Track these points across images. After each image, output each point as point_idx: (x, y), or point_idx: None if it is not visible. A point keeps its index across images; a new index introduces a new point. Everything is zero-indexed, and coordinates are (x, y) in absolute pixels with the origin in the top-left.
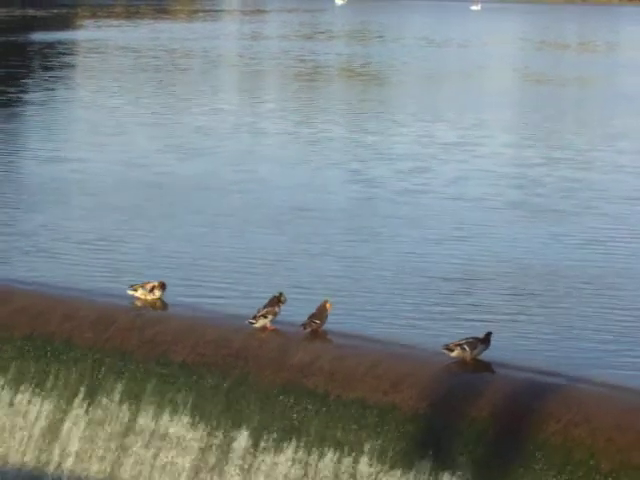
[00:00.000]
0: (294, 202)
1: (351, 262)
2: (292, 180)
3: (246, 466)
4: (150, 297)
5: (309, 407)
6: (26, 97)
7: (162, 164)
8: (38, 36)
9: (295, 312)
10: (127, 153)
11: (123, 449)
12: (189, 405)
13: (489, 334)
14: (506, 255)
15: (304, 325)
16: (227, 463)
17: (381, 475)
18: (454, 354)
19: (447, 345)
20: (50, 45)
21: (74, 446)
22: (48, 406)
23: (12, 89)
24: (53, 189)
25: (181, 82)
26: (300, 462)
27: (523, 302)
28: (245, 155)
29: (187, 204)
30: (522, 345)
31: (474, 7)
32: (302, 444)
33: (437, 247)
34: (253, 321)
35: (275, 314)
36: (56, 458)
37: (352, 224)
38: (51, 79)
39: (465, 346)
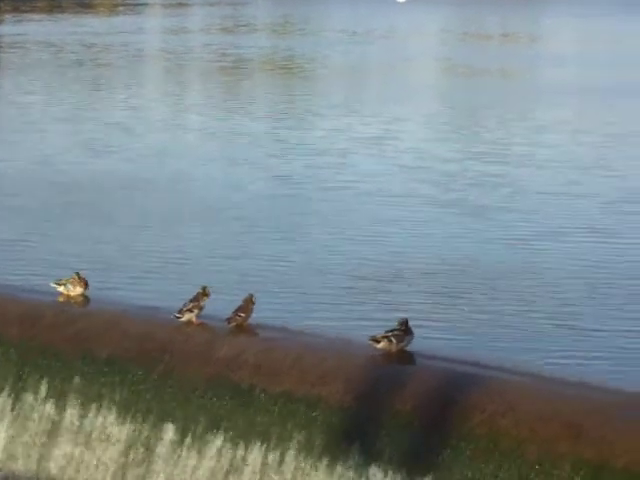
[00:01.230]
0: (212, 200)
1: (273, 259)
2: (210, 177)
3: (173, 461)
4: (73, 293)
5: (235, 401)
6: None
7: (75, 162)
8: None
9: (220, 308)
10: (40, 151)
11: (49, 446)
12: (115, 400)
13: (406, 323)
14: (426, 251)
15: (229, 319)
16: (154, 458)
17: (308, 468)
18: (380, 346)
19: (373, 337)
20: None
21: (0, 443)
22: None
23: None
24: None
25: (100, 77)
26: (227, 456)
27: (444, 295)
28: (163, 151)
29: (104, 202)
30: (445, 337)
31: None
32: (228, 438)
33: (356, 244)
34: (179, 315)
35: (201, 308)
36: None
37: (272, 221)
38: None
39: (392, 338)
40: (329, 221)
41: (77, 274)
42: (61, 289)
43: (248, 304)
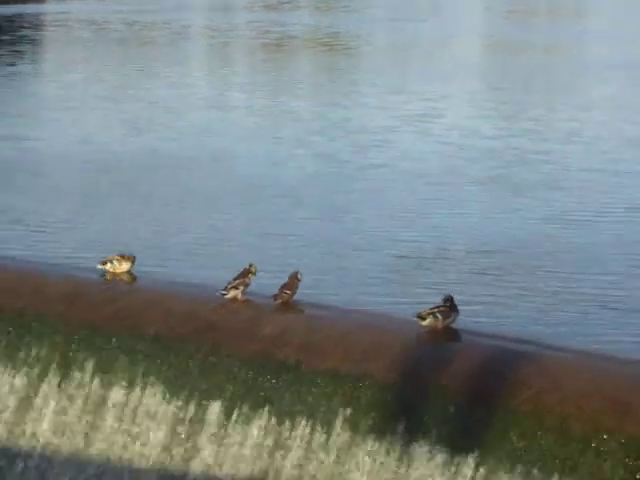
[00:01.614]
0: (254, 178)
1: (315, 237)
2: (252, 155)
3: (219, 438)
4: (119, 270)
5: (281, 378)
6: None
7: (117, 140)
8: None
9: (264, 285)
10: (80, 130)
11: (95, 423)
12: (161, 378)
13: (452, 299)
14: (468, 230)
15: (275, 296)
16: (200, 435)
17: (354, 445)
18: (426, 322)
19: (419, 313)
20: (10, 18)
21: (47, 421)
22: (20, 381)
23: None
24: (5, 168)
25: (143, 55)
26: (272, 433)
27: (492, 273)
28: (205, 129)
29: (147, 181)
30: (492, 314)
31: None
32: (274, 415)
33: (398, 223)
34: (224, 292)
35: (246, 285)
36: (29, 433)
37: (315, 200)
38: (10, 53)
39: (438, 314)
40: (371, 200)
41: (120, 254)
42: (107, 267)
43: (293, 281)
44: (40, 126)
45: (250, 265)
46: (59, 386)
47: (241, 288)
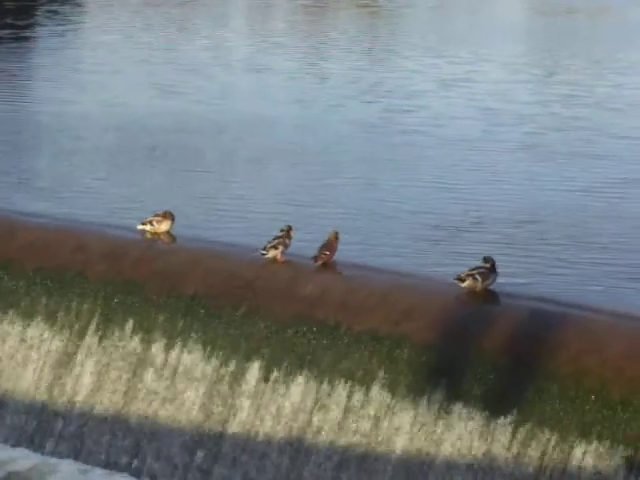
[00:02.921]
0: (290, 143)
1: (353, 203)
2: (288, 119)
3: (257, 398)
4: (159, 230)
5: (320, 339)
6: (21, 34)
7: (149, 104)
8: None
9: (304, 246)
10: (115, 93)
11: (135, 382)
12: (200, 338)
13: (492, 261)
14: (504, 197)
15: (315, 257)
16: (238, 395)
17: (393, 406)
18: (465, 284)
19: (458, 275)
20: None
21: (86, 379)
22: (60, 339)
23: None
24: (45, 131)
25: (183, 16)
26: (311, 394)
27: (531, 237)
28: (240, 93)
29: (184, 145)
30: (532, 276)
31: None
32: (313, 376)
33: (434, 191)
34: (264, 252)
35: (286, 245)
36: (68, 391)
37: (349, 166)
38: (47, 14)
39: (477, 276)
40: (405, 166)
41: (169, 213)
42: (147, 227)
43: (333, 241)
44: (74, 89)
45: (289, 227)
46: (99, 345)
47: (280, 248)
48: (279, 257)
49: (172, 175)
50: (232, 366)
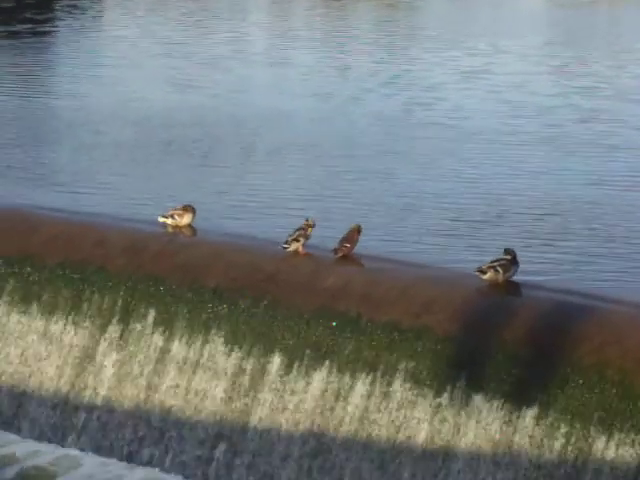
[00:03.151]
0: (309, 136)
1: (373, 195)
2: (308, 113)
3: (279, 390)
4: (181, 223)
5: (341, 331)
6: (40, 28)
7: (171, 98)
8: None
9: (323, 239)
10: (134, 87)
11: (156, 375)
12: (222, 330)
13: (513, 253)
14: (525, 190)
15: (335, 250)
16: (260, 388)
17: (414, 397)
18: (487, 276)
19: (480, 267)
20: None
21: (108, 372)
22: (82, 333)
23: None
24: (65, 125)
25: (203, 9)
26: (333, 386)
27: (552, 230)
28: (258, 87)
29: (203, 139)
30: (553, 269)
31: None
32: (335, 367)
33: (455, 182)
34: (286, 245)
35: (307, 237)
36: (90, 384)
37: (368, 160)
38: (67, 8)
39: (498, 268)
40: (426, 159)
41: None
42: (168, 221)
43: (354, 234)
44: (92, 83)
45: (307, 219)
46: (120, 338)
47: (302, 240)
48: (300, 249)
49: (191, 169)
50: (254, 359)
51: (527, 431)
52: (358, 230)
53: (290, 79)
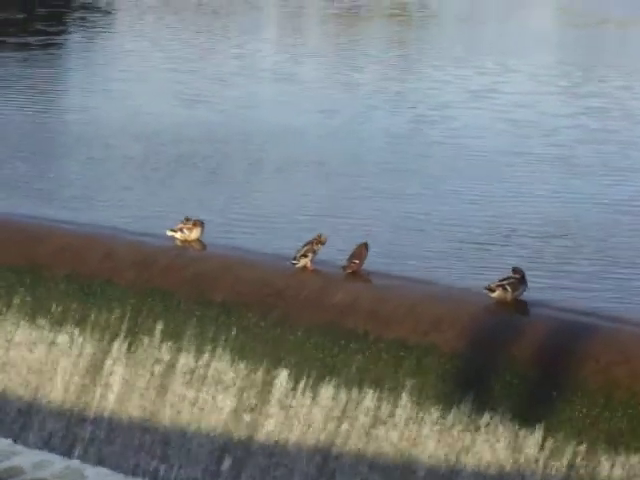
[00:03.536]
0: (317, 153)
1: (380, 213)
2: (314, 130)
3: (286, 405)
4: (190, 238)
5: (349, 347)
6: (51, 40)
7: (179, 113)
8: None
9: (334, 256)
10: (141, 101)
11: (164, 389)
12: (229, 345)
13: (521, 272)
14: (532, 211)
15: (344, 267)
16: (267, 402)
17: (421, 415)
18: (495, 294)
19: (488, 286)
20: None
21: (115, 385)
22: (89, 346)
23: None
24: (73, 138)
25: (211, 24)
26: (339, 402)
27: (560, 251)
28: (266, 102)
29: (212, 155)
30: (561, 286)
31: None
32: (342, 384)
33: (460, 203)
34: (295, 261)
35: (314, 252)
36: (98, 397)
37: (374, 177)
38: (77, 20)
39: (507, 286)
40: (433, 178)
41: (186, 218)
42: (177, 235)
43: (362, 250)
44: (102, 97)
45: (319, 235)
46: (128, 351)
47: (310, 256)
48: (309, 265)
49: (199, 184)
50: (261, 374)
51: (533, 450)
52: (366, 246)
53: (298, 95)
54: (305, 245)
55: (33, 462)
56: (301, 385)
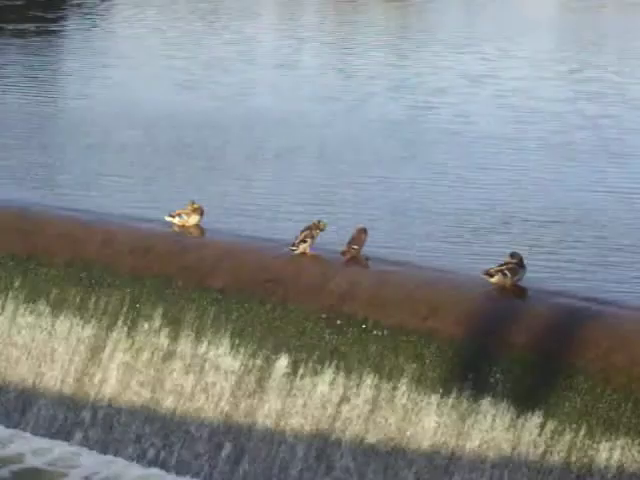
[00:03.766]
0: (316, 139)
1: (382, 198)
2: (313, 117)
3: (285, 391)
4: (188, 223)
5: (348, 332)
6: (49, 27)
7: (179, 99)
8: None
9: (334, 240)
10: (139, 88)
11: (163, 374)
12: (228, 330)
13: (519, 256)
14: (532, 198)
15: (343, 252)
16: (266, 388)
17: (420, 400)
18: (494, 280)
19: (487, 270)
20: None
21: (114, 371)
22: (88, 332)
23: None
24: (72, 126)
25: (211, 11)
26: (339, 387)
27: (558, 237)
28: (265, 89)
29: (211, 140)
30: (560, 271)
31: None
32: (341, 369)
33: (461, 188)
34: (294, 248)
35: (313, 237)
36: (97, 383)
37: (373, 165)
38: (77, 7)
39: (506, 272)
40: (432, 164)
41: (192, 202)
42: (175, 220)
43: (361, 235)
44: (100, 84)
45: (318, 221)
46: (127, 337)
47: (309, 241)
48: (307, 251)
49: (198, 170)
50: (260, 359)
51: (533, 435)
52: (365, 231)
53: (297, 81)
54: (303, 231)
55: (33, 447)
56: (300, 371)
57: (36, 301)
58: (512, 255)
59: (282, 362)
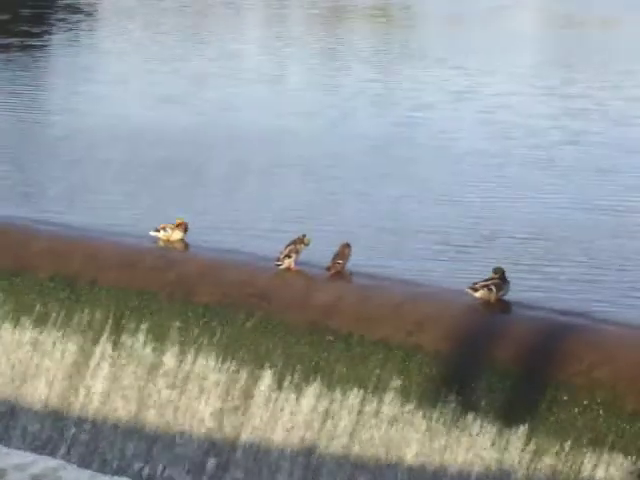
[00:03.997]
0: (301, 155)
1: (365, 214)
2: (296, 132)
3: (270, 406)
4: (172, 238)
5: (332, 347)
6: (34, 42)
7: (162, 115)
8: None
9: (318, 256)
10: (121, 104)
11: (147, 389)
12: (213, 345)
13: (501, 271)
14: (516, 213)
15: (328, 267)
16: (251, 403)
17: (404, 415)
18: (479, 294)
19: (472, 285)
20: None
21: (99, 386)
22: (73, 346)
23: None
24: (55, 141)
25: (195, 26)
26: (323, 402)
27: (544, 248)
28: (249, 105)
29: (197, 157)
30: (545, 287)
31: None
32: (325, 384)
33: (443, 206)
34: (279, 263)
35: (297, 252)
36: (81, 398)
37: (356, 182)
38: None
39: (491, 287)
40: (415, 180)
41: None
42: (160, 235)
43: (344, 250)
44: (84, 99)
45: (303, 236)
46: (112, 352)
47: (293, 256)
48: (292, 266)
49: (181, 186)
50: (245, 374)
51: (517, 450)
52: (348, 246)
53: (281, 97)
54: (288, 245)
55: (16, 462)
56: (285, 386)
57: (21, 315)
58: (494, 270)
59: (267, 377)
